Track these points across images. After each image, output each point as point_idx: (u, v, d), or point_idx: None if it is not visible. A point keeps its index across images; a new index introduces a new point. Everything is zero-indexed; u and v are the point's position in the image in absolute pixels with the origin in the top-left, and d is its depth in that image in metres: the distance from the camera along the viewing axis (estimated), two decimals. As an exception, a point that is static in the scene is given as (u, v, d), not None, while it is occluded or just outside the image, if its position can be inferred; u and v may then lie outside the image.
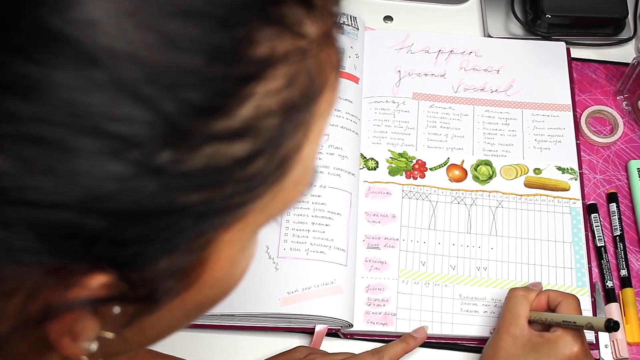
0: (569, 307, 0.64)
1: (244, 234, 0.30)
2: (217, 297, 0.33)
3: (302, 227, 0.73)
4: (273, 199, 0.29)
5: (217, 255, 0.29)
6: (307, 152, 0.29)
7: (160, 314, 0.30)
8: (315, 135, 0.29)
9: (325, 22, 0.28)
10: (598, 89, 0.88)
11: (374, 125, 0.82)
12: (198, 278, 0.29)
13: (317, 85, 0.28)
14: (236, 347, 0.72)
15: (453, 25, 0.93)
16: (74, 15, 0.22)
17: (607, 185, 0.81)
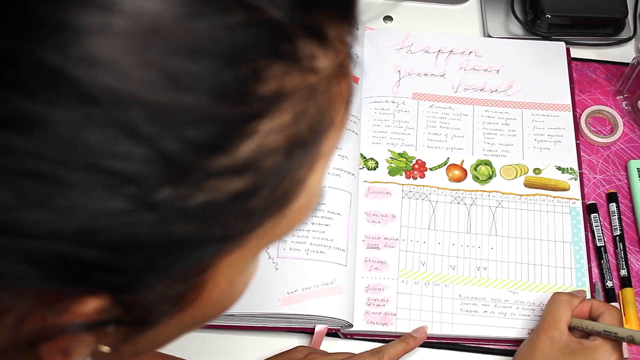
0: (612, 319, 0.64)
1: (244, 258, 0.29)
2: (215, 315, 0.32)
3: (302, 227, 0.73)
4: (275, 225, 0.28)
5: (216, 278, 0.29)
6: (312, 182, 0.29)
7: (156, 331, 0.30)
8: (322, 166, 0.29)
9: (338, 54, 0.26)
10: (598, 89, 0.88)
11: (374, 125, 0.82)
12: (195, 300, 0.29)
13: (326, 120, 0.27)
14: (236, 347, 0.72)
15: (453, 25, 0.93)
16: (76, 53, 0.22)
17: (607, 185, 0.81)
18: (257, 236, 0.28)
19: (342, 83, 0.27)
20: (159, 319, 0.28)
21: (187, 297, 0.28)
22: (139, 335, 0.29)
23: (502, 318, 0.72)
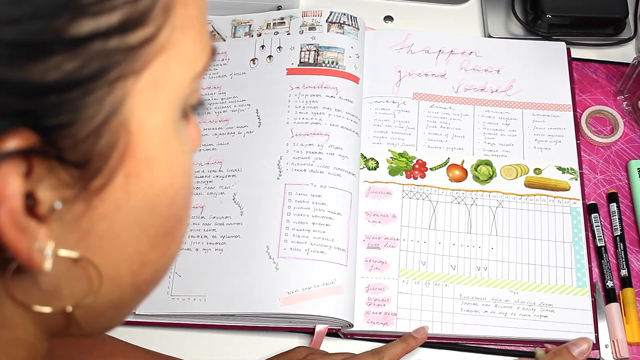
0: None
1: (158, 99, 0.29)
2: (165, 194, 0.31)
3: (303, 227, 0.73)
4: (170, 53, 0.29)
5: (138, 122, 0.29)
6: None
7: (109, 216, 0.29)
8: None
9: None
10: (598, 89, 0.88)
11: (374, 125, 0.83)
12: (128, 151, 0.29)
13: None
14: (236, 347, 0.72)
15: (453, 26, 0.93)
16: None
17: (608, 185, 0.81)
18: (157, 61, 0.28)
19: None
20: (98, 166, 0.28)
21: (116, 144, 0.28)
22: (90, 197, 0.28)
23: (503, 318, 0.72)
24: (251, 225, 0.74)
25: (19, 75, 0.24)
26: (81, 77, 0.26)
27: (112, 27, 0.26)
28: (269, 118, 0.81)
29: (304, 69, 0.83)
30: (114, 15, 0.26)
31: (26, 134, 0.25)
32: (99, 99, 0.27)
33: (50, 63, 0.25)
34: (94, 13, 0.25)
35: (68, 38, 0.25)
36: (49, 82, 0.25)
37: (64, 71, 0.25)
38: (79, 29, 0.25)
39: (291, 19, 0.87)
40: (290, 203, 0.75)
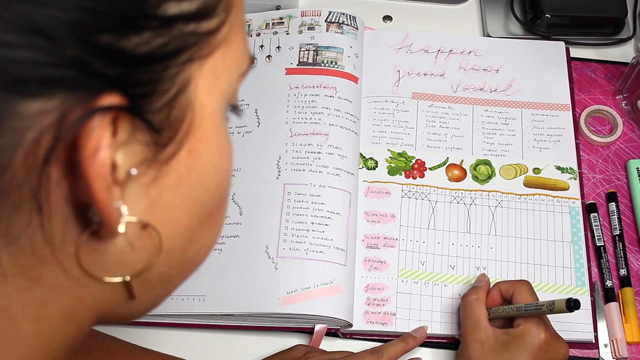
0: (523, 295, 0.65)
1: (215, 88, 0.33)
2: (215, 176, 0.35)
3: (302, 227, 0.73)
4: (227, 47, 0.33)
5: (200, 103, 0.32)
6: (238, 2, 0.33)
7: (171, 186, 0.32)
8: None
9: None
10: (597, 88, 0.88)
11: (373, 125, 0.83)
12: (191, 128, 0.32)
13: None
14: (236, 347, 0.72)
15: (452, 25, 0.93)
16: None
17: (607, 185, 0.81)
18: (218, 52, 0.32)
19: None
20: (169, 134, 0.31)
21: (183, 120, 0.31)
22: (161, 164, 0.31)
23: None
24: (250, 225, 0.74)
25: (118, 44, 0.27)
26: (164, 54, 0.29)
27: (191, 12, 0.30)
28: (268, 118, 0.81)
29: (303, 69, 0.83)
30: (193, 3, 0.30)
31: (118, 95, 0.28)
32: (172, 76, 0.30)
33: (143, 37, 0.28)
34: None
35: (159, 16, 0.29)
36: (140, 54, 0.28)
37: (152, 46, 0.29)
38: (167, 10, 0.29)
39: (290, 18, 0.87)
40: (289, 203, 0.75)
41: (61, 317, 0.32)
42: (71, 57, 0.26)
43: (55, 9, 0.26)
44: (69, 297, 0.32)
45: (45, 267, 0.30)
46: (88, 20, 0.26)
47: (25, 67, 0.26)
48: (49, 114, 0.27)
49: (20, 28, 0.25)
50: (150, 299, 0.37)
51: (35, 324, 0.31)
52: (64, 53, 0.26)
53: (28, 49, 0.25)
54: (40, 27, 0.25)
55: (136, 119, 0.29)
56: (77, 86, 0.27)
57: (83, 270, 0.31)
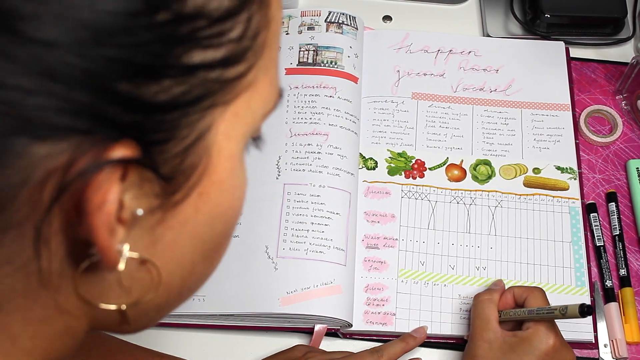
0: (536, 300, 0.65)
1: (236, 131, 0.32)
2: (224, 216, 0.34)
3: (302, 227, 0.73)
4: (254, 90, 0.32)
5: (218, 148, 0.31)
6: (272, 40, 0.33)
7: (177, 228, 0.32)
8: (275, 25, 0.33)
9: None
10: (597, 88, 0.88)
11: (373, 125, 0.83)
12: (205, 172, 0.31)
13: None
14: (236, 347, 0.72)
15: (452, 25, 0.93)
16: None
17: (606, 185, 0.81)
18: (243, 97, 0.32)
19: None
20: (180, 181, 0.30)
21: (198, 165, 0.31)
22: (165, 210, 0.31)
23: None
24: (250, 225, 0.74)
25: (135, 92, 0.27)
26: (184, 101, 0.29)
27: (217, 60, 0.29)
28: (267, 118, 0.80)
29: (303, 69, 0.83)
30: (220, 51, 0.29)
31: (130, 145, 0.27)
32: (192, 122, 0.30)
33: (162, 85, 0.28)
34: (205, 46, 0.29)
35: (182, 65, 0.28)
36: (158, 102, 0.28)
37: (172, 94, 0.28)
38: (191, 58, 0.28)
39: (290, 18, 0.87)
40: (289, 203, 0.75)
41: (59, 333, 0.33)
42: (84, 105, 0.26)
43: (72, 56, 0.25)
44: (66, 317, 0.33)
45: (45, 291, 0.31)
46: (106, 69, 0.26)
47: (37, 112, 0.25)
48: (58, 156, 0.27)
49: (34, 72, 0.25)
50: (144, 323, 0.38)
51: (34, 339, 0.32)
52: (77, 100, 0.26)
53: (41, 95, 0.25)
54: (54, 73, 0.25)
55: (147, 170, 0.29)
56: (89, 132, 0.27)
57: (79, 296, 0.32)
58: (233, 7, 0.29)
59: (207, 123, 0.30)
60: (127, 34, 0.26)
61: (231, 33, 0.30)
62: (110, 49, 0.26)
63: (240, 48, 0.30)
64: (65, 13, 0.25)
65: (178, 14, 0.27)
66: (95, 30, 0.25)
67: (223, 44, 0.29)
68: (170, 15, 0.27)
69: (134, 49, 0.26)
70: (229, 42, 0.30)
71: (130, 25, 0.26)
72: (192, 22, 0.28)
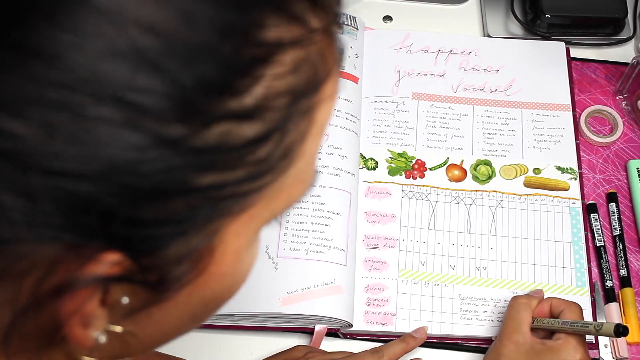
0: (573, 314, 0.64)
1: (249, 228, 0.30)
2: (222, 296, 0.33)
3: (302, 227, 0.73)
4: (278, 193, 0.30)
5: (224, 246, 0.30)
6: (310, 147, 0.30)
7: (167, 309, 0.31)
8: (317, 130, 0.30)
9: (327, 17, 0.29)
10: (597, 88, 0.88)
11: (374, 125, 0.83)
12: (205, 269, 0.30)
13: (320, 74, 0.29)
14: (236, 347, 0.72)
15: (452, 25, 0.93)
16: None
17: (607, 185, 0.81)
18: (262, 203, 0.29)
19: (331, 46, 0.30)
20: (172, 284, 0.29)
21: (199, 264, 0.29)
22: (151, 306, 0.29)
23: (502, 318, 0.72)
24: (250, 225, 0.74)
25: (130, 212, 0.25)
26: (186, 218, 0.26)
27: (232, 181, 0.27)
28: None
29: (303, 69, 0.83)
30: (238, 172, 0.27)
31: (116, 257, 0.26)
32: (194, 232, 0.28)
33: (163, 205, 0.26)
34: (220, 169, 0.26)
35: (189, 188, 0.26)
36: (153, 219, 0.26)
37: (172, 212, 0.26)
38: (202, 180, 0.26)
39: (290, 18, 0.87)
40: (289, 203, 0.75)
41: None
42: (69, 222, 0.24)
43: (61, 181, 0.24)
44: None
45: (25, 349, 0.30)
46: (98, 197, 0.24)
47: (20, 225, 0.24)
48: (41, 255, 0.26)
49: (18, 192, 0.24)
50: None
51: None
52: (62, 219, 0.24)
53: (22, 214, 0.24)
54: (38, 196, 0.24)
55: (135, 285, 0.27)
56: (73, 243, 0.25)
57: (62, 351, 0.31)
58: (261, 134, 0.27)
59: (213, 229, 0.28)
60: (131, 167, 0.24)
61: (254, 155, 0.27)
62: (111, 181, 0.24)
63: (264, 167, 0.28)
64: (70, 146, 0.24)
65: (193, 147, 0.25)
66: (98, 163, 0.24)
67: (242, 166, 0.27)
68: (184, 149, 0.25)
69: (138, 179, 0.25)
70: (250, 164, 0.27)
71: (136, 159, 0.24)
72: (208, 154, 0.26)
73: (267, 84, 0.26)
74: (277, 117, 0.27)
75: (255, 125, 0.27)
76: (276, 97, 0.27)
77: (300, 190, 0.32)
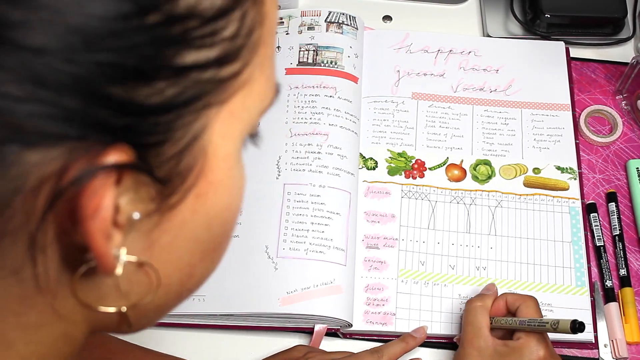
0: (529, 310, 0.64)
1: (232, 130, 0.32)
2: (223, 216, 0.34)
3: (302, 227, 0.73)
4: (250, 86, 0.32)
5: (214, 148, 0.31)
6: (267, 37, 0.32)
7: (174, 230, 0.32)
8: (270, 22, 0.32)
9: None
10: (597, 88, 0.88)
11: (373, 125, 0.83)
12: (202, 173, 0.31)
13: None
14: (236, 347, 0.72)
15: (452, 25, 0.93)
16: None
17: (606, 185, 0.81)
18: (238, 95, 0.31)
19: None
20: (177, 184, 0.30)
21: (194, 167, 0.31)
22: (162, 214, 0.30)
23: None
24: (250, 225, 0.74)
25: (127, 95, 0.26)
26: (177, 103, 0.28)
27: (210, 60, 0.29)
28: (267, 118, 0.80)
29: (303, 69, 0.83)
30: (214, 50, 0.29)
31: (124, 149, 0.27)
32: (187, 124, 0.29)
33: (155, 87, 0.27)
34: (198, 46, 0.28)
35: (174, 66, 0.27)
36: (150, 105, 0.27)
37: (165, 96, 0.28)
38: (183, 59, 0.28)
39: (290, 18, 0.87)
40: (289, 203, 0.75)
41: (56, 338, 0.33)
42: (75, 111, 0.25)
43: (61, 61, 0.25)
44: (64, 323, 0.32)
45: (41, 297, 0.30)
46: (96, 74, 0.25)
47: (27, 120, 0.25)
48: (51, 163, 0.26)
49: (23, 79, 0.24)
50: (144, 323, 0.38)
51: (30, 345, 0.32)
52: (68, 106, 0.25)
53: (30, 102, 0.25)
54: (42, 79, 0.25)
55: (142, 174, 0.28)
56: (81, 138, 0.26)
57: (78, 300, 0.31)
58: (226, 5, 0.29)
59: (202, 123, 0.30)
60: (117, 37, 0.25)
61: (224, 32, 0.29)
62: (100, 53, 0.25)
63: (234, 46, 0.30)
64: (54, 19, 0.24)
65: (169, 15, 0.27)
66: (84, 34, 0.25)
67: (216, 43, 0.29)
68: (161, 17, 0.26)
69: (125, 52, 0.26)
70: (222, 41, 0.29)
71: (120, 29, 0.25)
72: (183, 23, 0.27)
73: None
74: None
75: None
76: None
77: (267, 92, 0.34)
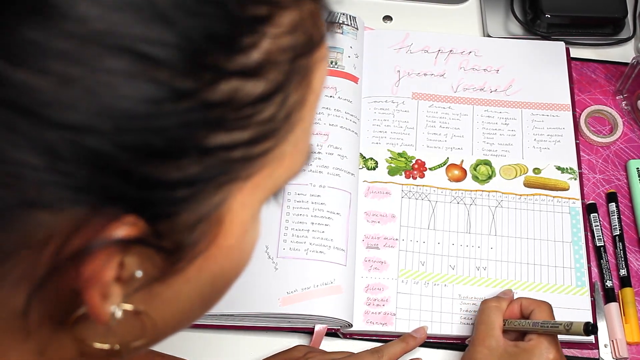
0: (542, 314, 0.64)
1: (254, 199, 0.31)
2: (229, 274, 0.34)
3: (302, 227, 0.73)
4: (279, 161, 0.31)
5: (231, 217, 0.30)
6: (307, 114, 0.32)
7: (178, 285, 0.31)
8: (313, 98, 0.32)
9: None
10: (597, 88, 0.88)
11: (374, 125, 0.83)
12: (215, 240, 0.31)
13: (314, 36, 0.30)
14: (236, 347, 0.72)
15: (452, 25, 0.93)
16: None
17: (607, 185, 0.81)
18: (265, 171, 0.30)
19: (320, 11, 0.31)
20: (185, 253, 0.30)
21: (209, 234, 0.30)
22: (165, 277, 0.30)
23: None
24: (250, 225, 0.74)
25: (146, 171, 0.26)
26: (198, 179, 0.27)
27: (240, 142, 0.28)
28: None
29: (303, 69, 0.83)
30: (247, 132, 0.28)
31: (136, 221, 0.27)
32: (206, 197, 0.28)
33: (178, 165, 0.26)
34: (230, 128, 0.27)
35: (202, 147, 0.27)
36: (168, 180, 0.27)
37: (186, 173, 0.27)
38: (213, 140, 0.27)
39: (290, 18, 0.87)
40: (289, 203, 0.75)
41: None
42: (91, 181, 0.25)
43: (84, 137, 0.24)
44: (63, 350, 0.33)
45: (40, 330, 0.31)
46: (119, 153, 0.25)
47: (41, 187, 0.25)
48: (61, 224, 0.26)
49: (42, 151, 0.24)
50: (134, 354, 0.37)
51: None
52: (85, 177, 0.25)
53: (46, 171, 0.24)
54: (62, 153, 0.24)
55: (150, 249, 0.28)
56: (94, 207, 0.26)
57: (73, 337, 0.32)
58: (267, 91, 0.28)
59: (223, 196, 0.29)
60: (147, 120, 0.25)
61: (261, 115, 0.28)
62: (128, 134, 0.25)
63: (269, 129, 0.29)
64: (85, 97, 0.24)
65: (204, 101, 0.26)
66: (114, 116, 0.24)
67: (250, 126, 0.28)
68: (196, 103, 0.26)
69: (153, 134, 0.25)
70: (257, 124, 0.28)
71: (151, 112, 0.25)
72: (218, 109, 0.26)
73: (270, 41, 0.28)
74: (279, 76, 0.28)
75: (260, 84, 0.28)
76: (278, 55, 0.28)
77: (298, 162, 0.33)
